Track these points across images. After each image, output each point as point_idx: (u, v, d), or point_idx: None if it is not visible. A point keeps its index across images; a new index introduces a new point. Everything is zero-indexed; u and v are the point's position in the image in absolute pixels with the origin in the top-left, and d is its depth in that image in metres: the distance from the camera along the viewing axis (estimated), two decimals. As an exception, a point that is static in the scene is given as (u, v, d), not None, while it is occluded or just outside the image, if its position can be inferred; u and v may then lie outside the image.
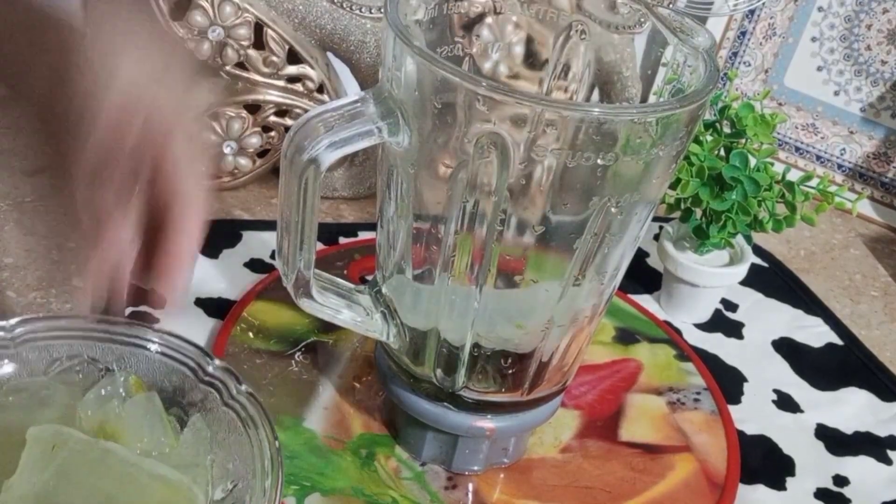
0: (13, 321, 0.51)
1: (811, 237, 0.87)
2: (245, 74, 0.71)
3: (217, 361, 0.50)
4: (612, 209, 0.44)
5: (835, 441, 0.63)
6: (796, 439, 0.63)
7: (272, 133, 0.74)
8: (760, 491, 0.58)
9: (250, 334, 0.61)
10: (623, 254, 0.48)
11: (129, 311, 0.60)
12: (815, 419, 0.65)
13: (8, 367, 0.50)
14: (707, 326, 0.72)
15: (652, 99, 0.54)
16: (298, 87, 0.73)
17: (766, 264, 0.80)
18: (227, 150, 0.73)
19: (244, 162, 0.74)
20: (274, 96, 0.72)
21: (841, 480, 0.60)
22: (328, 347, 0.61)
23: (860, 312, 0.78)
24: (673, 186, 0.65)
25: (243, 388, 0.49)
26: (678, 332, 0.70)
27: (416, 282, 0.49)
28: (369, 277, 0.53)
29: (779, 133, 0.92)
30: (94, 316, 0.51)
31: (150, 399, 0.48)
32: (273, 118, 0.73)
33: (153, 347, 0.50)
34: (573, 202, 0.44)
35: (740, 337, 0.71)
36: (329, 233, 0.72)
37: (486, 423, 0.52)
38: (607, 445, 0.58)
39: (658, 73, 0.51)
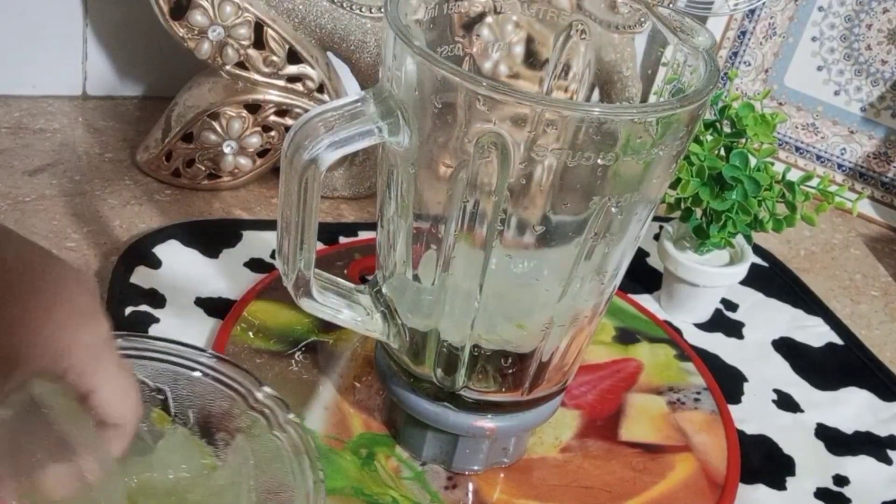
0: None
1: (811, 237, 0.87)
2: (245, 74, 0.71)
3: (267, 388, 0.50)
4: (613, 209, 0.44)
5: (835, 441, 0.63)
6: (796, 439, 0.63)
7: (272, 133, 0.74)
8: (760, 491, 0.58)
9: (250, 334, 0.61)
10: (623, 254, 0.48)
11: (129, 310, 0.61)
12: (815, 419, 0.65)
13: None
14: (707, 326, 0.72)
15: (652, 99, 0.54)
16: (298, 86, 0.73)
17: (766, 264, 0.80)
18: (227, 150, 0.73)
19: (244, 161, 0.74)
20: (274, 96, 0.72)
21: (841, 480, 0.60)
22: (328, 347, 0.61)
23: (860, 312, 0.78)
24: (673, 186, 0.65)
25: (291, 416, 0.50)
26: (678, 331, 0.70)
27: (416, 282, 0.49)
28: (369, 277, 0.53)
29: (779, 133, 0.92)
30: (146, 336, 0.52)
31: (177, 431, 0.49)
32: (273, 118, 0.73)
33: (205, 371, 0.51)
34: (573, 202, 0.44)
35: (740, 337, 0.71)
36: (329, 232, 0.72)
37: (487, 422, 0.52)
38: (607, 445, 0.58)
39: (658, 73, 0.51)
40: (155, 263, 0.65)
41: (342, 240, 0.72)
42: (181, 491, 0.47)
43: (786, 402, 0.66)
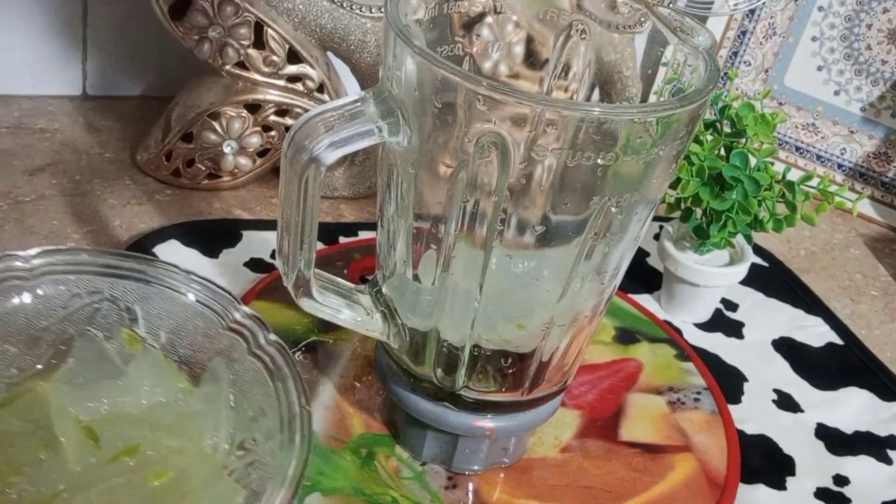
0: (33, 252, 0.48)
1: (811, 237, 0.87)
2: (245, 74, 0.71)
3: (245, 308, 0.47)
4: (613, 209, 0.44)
5: (835, 441, 0.63)
6: (796, 439, 0.63)
7: (272, 132, 0.74)
8: (761, 491, 0.58)
9: (250, 334, 0.60)
10: (623, 253, 0.48)
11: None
12: (815, 419, 0.65)
13: (26, 300, 0.47)
14: (707, 326, 0.72)
15: (652, 98, 0.54)
16: (298, 86, 0.73)
17: (766, 264, 0.80)
18: (227, 150, 0.73)
19: (244, 161, 0.74)
20: (274, 96, 0.72)
21: (841, 480, 0.60)
22: (328, 347, 0.61)
23: (860, 312, 0.78)
24: (673, 186, 0.65)
25: (272, 337, 0.46)
26: (678, 331, 0.70)
27: (416, 282, 0.49)
28: (369, 277, 0.53)
29: (779, 133, 0.92)
30: (117, 252, 0.49)
31: (149, 353, 0.46)
32: (273, 118, 0.73)
33: (178, 288, 0.48)
34: (573, 202, 0.44)
35: (740, 337, 0.71)
36: (329, 232, 0.72)
37: (487, 422, 0.52)
38: (607, 445, 0.58)
39: (658, 73, 0.51)
40: (155, 263, 0.65)
41: (342, 240, 0.72)
42: (154, 416, 0.44)
43: (786, 402, 0.66)
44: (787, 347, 0.71)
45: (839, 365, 0.71)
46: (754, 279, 0.74)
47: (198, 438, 0.44)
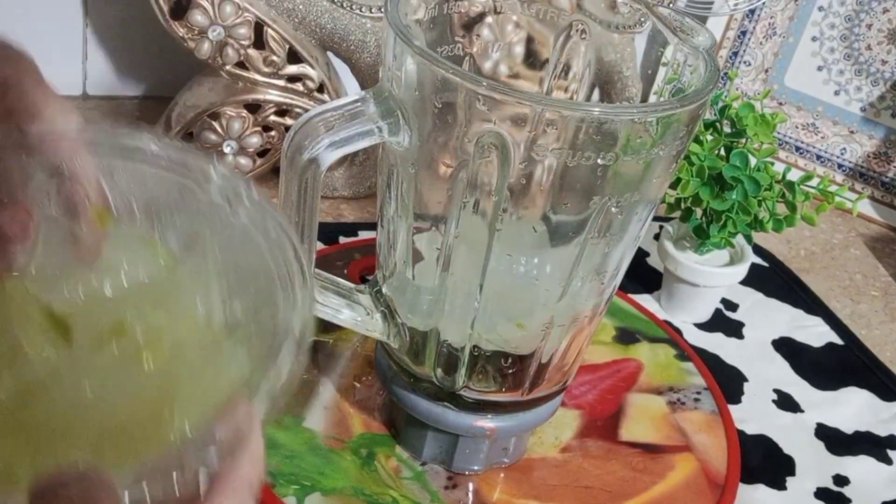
0: None
1: (811, 237, 0.87)
2: (245, 74, 0.71)
3: (223, 169, 0.43)
4: (613, 209, 0.44)
5: (835, 441, 0.63)
6: (796, 439, 0.63)
7: (272, 133, 0.74)
8: (761, 491, 0.58)
9: (250, 334, 0.60)
10: (623, 253, 0.48)
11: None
12: (815, 419, 0.65)
13: None
14: (707, 326, 0.72)
15: (652, 98, 0.54)
16: (298, 86, 0.73)
17: (766, 264, 0.80)
18: (227, 150, 0.73)
19: (244, 161, 0.74)
20: (274, 96, 0.72)
21: (841, 480, 0.60)
22: (328, 347, 0.61)
23: (860, 312, 0.78)
24: (673, 186, 0.65)
25: (255, 195, 0.42)
26: (678, 331, 0.70)
27: (416, 281, 0.49)
28: (369, 277, 0.53)
29: (779, 133, 0.92)
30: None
31: (122, 228, 0.41)
32: (273, 118, 0.73)
33: (148, 154, 0.43)
34: (573, 202, 0.44)
35: (740, 337, 0.71)
36: (329, 232, 0.72)
37: (487, 422, 0.52)
38: (607, 445, 0.58)
39: (658, 73, 0.51)
40: (155, 263, 0.65)
41: (342, 240, 0.72)
42: (138, 297, 0.41)
43: (786, 402, 0.66)
44: (787, 347, 0.71)
45: (839, 365, 0.71)
46: (754, 279, 0.74)
47: (189, 311, 0.42)
